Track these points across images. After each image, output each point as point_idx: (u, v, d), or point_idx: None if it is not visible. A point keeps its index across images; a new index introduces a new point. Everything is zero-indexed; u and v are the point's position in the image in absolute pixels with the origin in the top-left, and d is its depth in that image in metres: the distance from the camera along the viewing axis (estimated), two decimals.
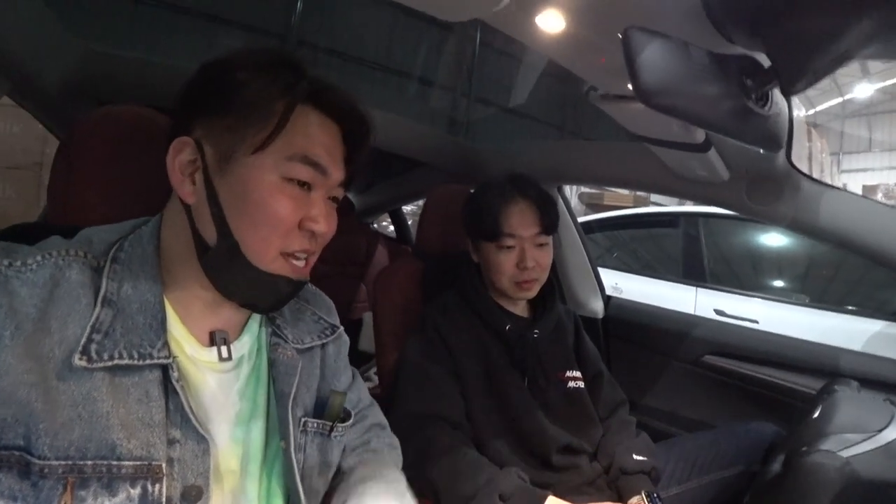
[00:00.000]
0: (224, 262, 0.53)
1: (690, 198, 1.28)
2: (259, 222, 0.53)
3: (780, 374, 1.36)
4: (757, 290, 2.39)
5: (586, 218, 3.17)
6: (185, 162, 0.54)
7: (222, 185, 0.53)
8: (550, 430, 0.99)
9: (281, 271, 0.55)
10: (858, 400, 0.88)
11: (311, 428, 0.63)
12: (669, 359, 1.54)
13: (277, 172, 0.53)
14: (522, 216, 1.02)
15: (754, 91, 0.46)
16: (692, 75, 0.42)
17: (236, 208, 0.53)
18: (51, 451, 0.44)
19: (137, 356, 0.49)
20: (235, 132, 0.52)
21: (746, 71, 0.46)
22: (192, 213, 0.54)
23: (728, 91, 0.44)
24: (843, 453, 0.73)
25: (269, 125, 0.52)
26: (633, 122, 0.85)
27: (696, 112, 0.44)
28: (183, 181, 0.54)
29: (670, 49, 0.41)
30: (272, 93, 0.53)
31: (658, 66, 0.40)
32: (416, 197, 2.38)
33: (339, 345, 0.73)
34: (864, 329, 1.91)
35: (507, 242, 1.02)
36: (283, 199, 0.53)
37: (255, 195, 0.52)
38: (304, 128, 0.55)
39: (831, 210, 1.02)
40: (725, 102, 0.44)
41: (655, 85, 0.41)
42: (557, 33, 0.56)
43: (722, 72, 0.43)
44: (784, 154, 0.97)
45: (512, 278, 1.04)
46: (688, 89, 0.42)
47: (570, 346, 1.15)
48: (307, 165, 0.54)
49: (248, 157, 0.52)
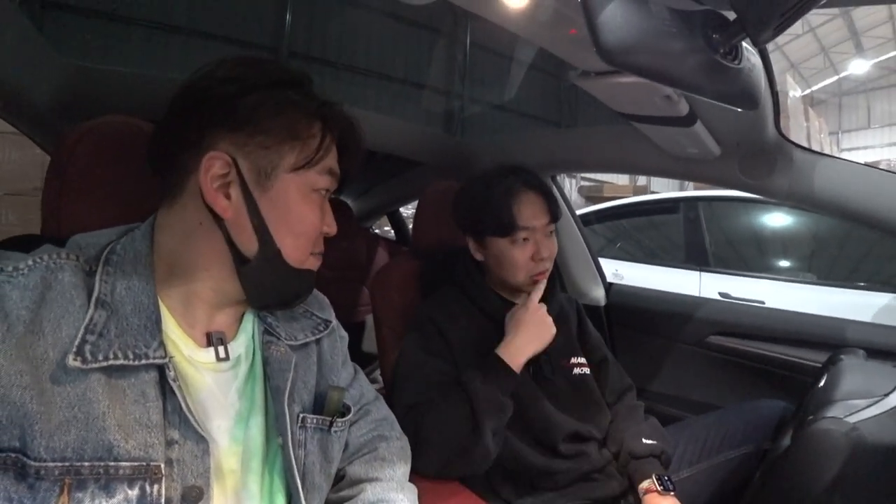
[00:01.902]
0: (266, 269, 0.57)
1: (685, 177, 1.27)
2: (298, 231, 0.58)
3: (787, 349, 1.35)
4: (762, 271, 2.37)
5: (586, 209, 3.16)
6: (216, 176, 0.54)
7: (263, 200, 0.56)
8: (557, 418, 0.98)
9: (311, 266, 0.62)
10: (864, 367, 0.87)
11: (310, 424, 0.63)
12: (674, 342, 1.52)
13: (309, 185, 0.58)
14: (533, 207, 1.00)
15: (722, 45, 0.45)
16: (656, 31, 0.41)
17: (276, 219, 0.56)
18: (47, 452, 0.43)
19: (133, 356, 0.49)
20: (276, 151, 0.56)
21: (712, 25, 0.45)
22: (226, 226, 0.55)
23: (694, 46, 0.44)
24: (849, 419, 0.72)
25: (309, 147, 0.57)
26: (615, 98, 0.84)
27: (662, 69, 0.43)
28: (217, 196, 0.55)
29: (631, 7, 0.40)
30: (305, 114, 0.57)
31: (619, 24, 0.40)
32: (414, 198, 2.38)
33: (334, 340, 0.73)
34: (873, 303, 1.90)
35: (522, 235, 1.00)
36: (315, 208, 0.59)
37: (294, 207, 0.57)
38: (326, 143, 0.59)
39: (826, 178, 1.01)
40: (692, 57, 0.44)
41: (618, 44, 0.40)
42: (524, 7, 0.56)
43: (686, 27, 0.43)
44: (773, 125, 0.96)
45: (528, 272, 1.01)
46: (652, 46, 0.41)
47: (573, 334, 1.14)
48: (330, 176, 0.60)
49: (289, 173, 0.56)
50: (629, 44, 0.41)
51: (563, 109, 3.89)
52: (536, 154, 1.46)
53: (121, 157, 0.66)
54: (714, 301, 1.68)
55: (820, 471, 0.71)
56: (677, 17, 0.43)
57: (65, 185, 0.65)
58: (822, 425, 0.73)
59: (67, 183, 0.65)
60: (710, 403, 1.40)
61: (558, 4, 0.54)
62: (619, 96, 0.81)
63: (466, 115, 3.22)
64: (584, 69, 0.74)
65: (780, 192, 1.06)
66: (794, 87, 5.63)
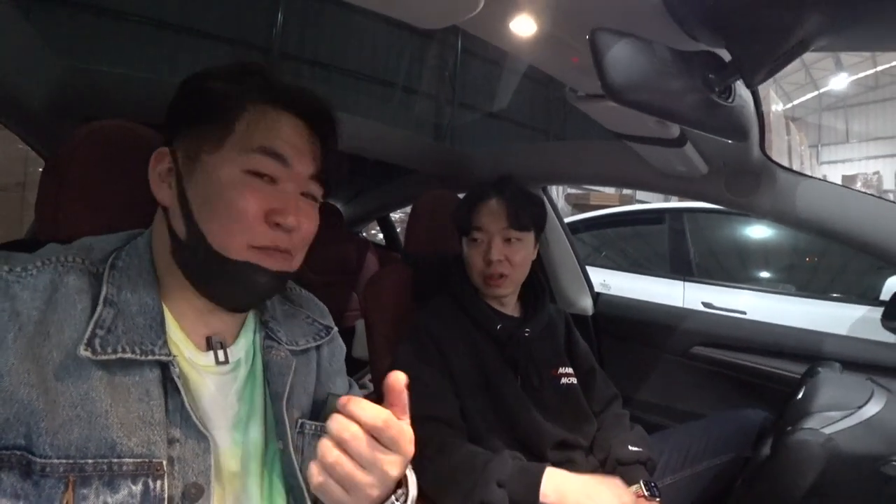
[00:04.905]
0: (193, 254, 0.55)
1: (672, 192, 1.31)
2: (223, 215, 0.54)
3: (768, 360, 1.39)
4: (743, 282, 2.42)
5: (573, 218, 3.20)
6: (163, 171, 0.57)
7: (190, 184, 0.55)
8: (545, 427, 1.00)
9: (253, 259, 0.55)
10: (840, 379, 0.91)
11: (308, 430, 0.63)
12: (659, 352, 1.55)
13: (238, 166, 0.55)
14: (491, 210, 1.06)
15: (717, 84, 0.48)
16: (657, 71, 0.44)
17: (202, 203, 0.54)
18: (52, 449, 0.44)
19: (140, 351, 0.50)
20: (199, 134, 0.55)
21: (709, 66, 0.48)
22: (168, 215, 0.57)
23: (692, 85, 0.47)
24: (825, 430, 0.75)
25: (225, 122, 0.55)
26: (611, 120, 0.87)
27: (663, 106, 0.46)
28: (160, 187, 0.57)
29: (636, 48, 0.43)
30: (233, 94, 0.56)
31: (624, 64, 0.43)
32: (404, 203, 2.39)
33: (334, 347, 0.73)
34: (849, 315, 1.96)
35: (475, 235, 1.07)
36: (245, 191, 0.54)
37: (216, 188, 0.54)
38: (264, 123, 0.56)
39: (807, 199, 1.05)
40: (690, 96, 0.47)
41: (623, 82, 0.43)
42: (531, 36, 0.59)
43: (686, 67, 0.46)
44: (758, 146, 1.00)
45: (481, 273, 1.07)
46: (654, 85, 0.44)
47: (561, 344, 1.17)
48: (267, 157, 0.55)
49: (211, 154, 0.55)
50: (634, 82, 0.43)
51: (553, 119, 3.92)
52: (528, 165, 1.49)
53: (120, 162, 0.67)
54: (699, 312, 1.71)
55: (798, 479, 0.75)
56: (678, 57, 0.46)
57: (63, 187, 0.65)
58: (799, 436, 0.76)
59: (65, 185, 0.65)
60: (694, 412, 1.43)
61: (564, 35, 0.56)
62: (614, 118, 0.84)
63: (457, 123, 3.23)
64: (582, 91, 0.77)
65: (763, 209, 1.10)
66: (777, 101, 5.78)
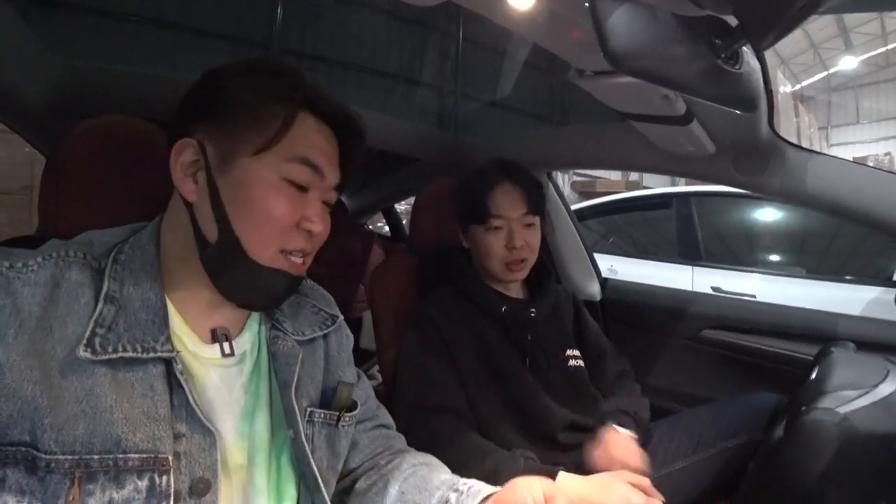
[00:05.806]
0: (224, 257, 0.55)
1: (680, 174, 1.29)
2: (258, 220, 0.55)
3: (779, 343, 1.37)
4: (753, 266, 2.40)
5: (579, 205, 3.18)
6: (187, 162, 0.56)
7: (224, 184, 0.55)
8: (555, 409, 1.00)
9: (280, 266, 0.57)
10: (854, 359, 0.90)
11: (317, 419, 0.63)
12: (668, 336, 1.54)
13: (277, 173, 0.55)
14: (508, 197, 1.05)
15: (724, 50, 0.47)
16: (661, 37, 0.43)
17: (237, 206, 0.55)
18: (57, 445, 0.44)
19: (141, 350, 0.50)
20: (237, 134, 0.55)
21: (714, 31, 0.46)
22: (193, 210, 0.56)
23: (697, 51, 0.45)
24: (841, 409, 0.74)
25: (269, 128, 0.55)
26: (615, 98, 0.85)
27: (666, 73, 0.45)
28: (185, 180, 0.56)
29: (637, 13, 0.42)
30: (272, 98, 0.56)
31: (626, 30, 0.41)
32: (408, 194, 2.39)
33: (341, 336, 0.73)
34: (861, 297, 1.93)
35: (495, 223, 1.05)
36: (281, 198, 0.56)
37: (254, 193, 0.55)
38: (304, 132, 0.57)
39: (818, 176, 1.03)
40: (695, 63, 0.45)
41: (624, 49, 0.42)
42: (530, 10, 0.57)
43: (690, 33, 0.44)
44: (766, 123, 0.97)
45: (502, 259, 1.05)
46: (657, 52, 0.43)
47: (568, 327, 1.16)
48: (305, 167, 0.57)
49: (250, 157, 0.55)
50: (636, 49, 0.42)
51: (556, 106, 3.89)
52: (532, 151, 1.47)
53: (119, 155, 0.67)
54: (707, 296, 1.70)
55: (813, 460, 0.73)
56: (682, 22, 0.45)
57: (62, 184, 0.65)
58: (814, 416, 0.75)
59: (65, 182, 0.65)
60: (704, 396, 1.42)
61: (563, 8, 0.55)
62: (617, 96, 0.83)
63: (460, 112, 3.21)
64: (583, 69, 0.75)
65: (772, 188, 1.07)
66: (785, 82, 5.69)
